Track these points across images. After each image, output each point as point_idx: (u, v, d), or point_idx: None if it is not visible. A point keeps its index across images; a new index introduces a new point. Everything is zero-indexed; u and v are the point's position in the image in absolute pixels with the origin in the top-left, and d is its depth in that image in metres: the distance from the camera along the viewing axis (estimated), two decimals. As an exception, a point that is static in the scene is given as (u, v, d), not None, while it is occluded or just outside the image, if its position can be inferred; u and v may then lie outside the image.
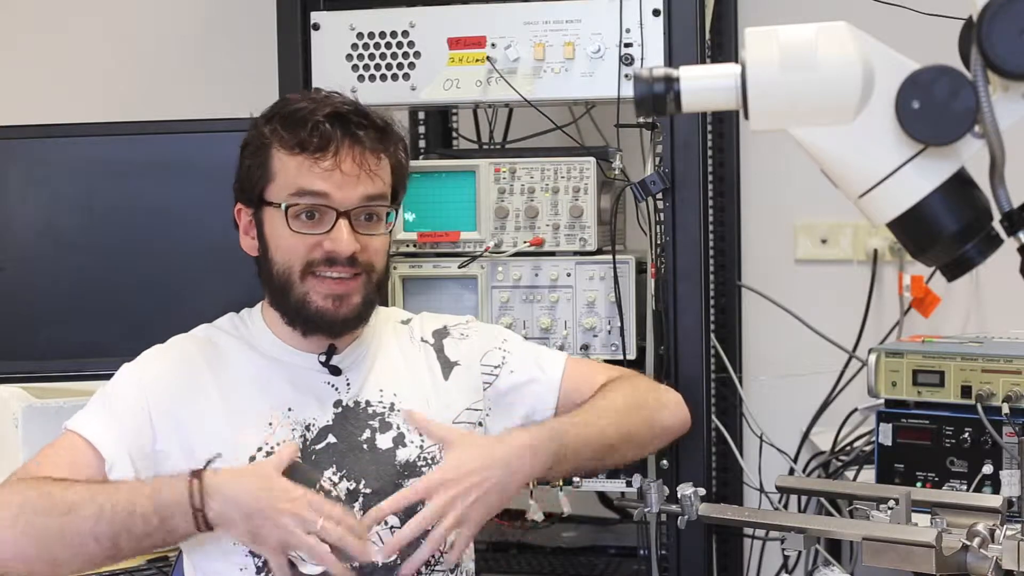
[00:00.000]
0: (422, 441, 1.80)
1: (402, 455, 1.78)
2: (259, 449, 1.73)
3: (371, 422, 1.80)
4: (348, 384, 1.82)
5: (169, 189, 2.17)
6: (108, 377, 2.24)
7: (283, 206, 1.73)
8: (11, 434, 2.20)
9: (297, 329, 1.78)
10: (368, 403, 1.81)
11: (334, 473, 1.75)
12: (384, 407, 1.81)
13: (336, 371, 1.81)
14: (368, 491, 1.75)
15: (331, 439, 1.77)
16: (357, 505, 1.74)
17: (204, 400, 1.75)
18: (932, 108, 1.15)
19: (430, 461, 1.80)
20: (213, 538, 1.70)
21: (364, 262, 1.75)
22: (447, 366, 1.88)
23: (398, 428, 1.80)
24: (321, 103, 1.76)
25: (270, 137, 1.75)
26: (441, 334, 1.92)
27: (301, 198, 1.72)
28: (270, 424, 1.75)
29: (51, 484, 1.62)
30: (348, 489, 1.74)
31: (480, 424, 1.87)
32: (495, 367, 1.90)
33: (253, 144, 1.78)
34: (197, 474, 1.60)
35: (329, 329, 1.77)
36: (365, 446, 1.78)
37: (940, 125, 1.15)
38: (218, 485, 1.59)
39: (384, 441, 1.79)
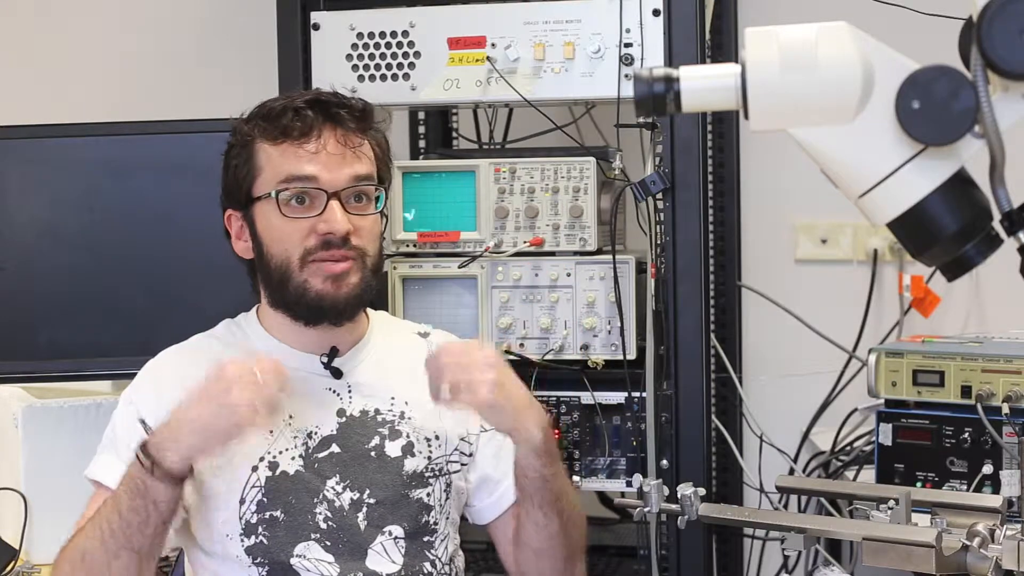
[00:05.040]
0: (430, 452, 1.80)
1: (410, 465, 1.77)
2: (261, 459, 1.72)
3: (380, 429, 1.78)
4: (350, 391, 1.80)
5: (169, 189, 2.17)
6: (108, 377, 2.26)
7: (273, 193, 1.73)
8: (11, 434, 2.20)
9: (300, 322, 1.77)
10: (377, 411, 1.79)
11: (338, 483, 1.74)
12: (394, 415, 1.80)
13: (338, 374, 1.79)
14: (372, 501, 1.74)
15: (335, 448, 1.75)
16: (361, 515, 1.73)
17: None
18: (932, 108, 1.15)
19: (437, 472, 1.79)
20: (217, 543, 1.70)
21: (358, 246, 1.75)
22: None
23: (407, 437, 1.79)
24: (299, 95, 1.79)
25: (252, 133, 1.77)
26: None
27: (290, 183, 1.73)
28: (271, 432, 1.73)
29: (69, 547, 1.67)
30: (352, 499, 1.73)
31: (471, 455, 1.85)
32: None
33: (236, 145, 1.79)
34: (143, 442, 1.62)
35: (332, 312, 1.75)
36: (373, 453, 1.76)
37: (940, 125, 1.15)
38: (157, 437, 1.60)
39: (393, 449, 1.77)
